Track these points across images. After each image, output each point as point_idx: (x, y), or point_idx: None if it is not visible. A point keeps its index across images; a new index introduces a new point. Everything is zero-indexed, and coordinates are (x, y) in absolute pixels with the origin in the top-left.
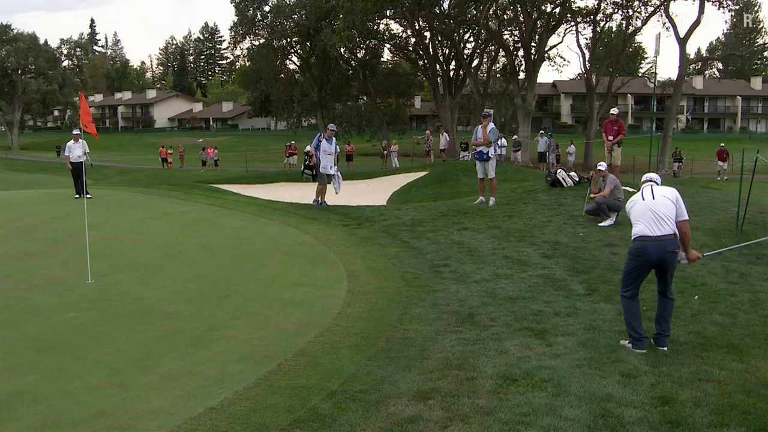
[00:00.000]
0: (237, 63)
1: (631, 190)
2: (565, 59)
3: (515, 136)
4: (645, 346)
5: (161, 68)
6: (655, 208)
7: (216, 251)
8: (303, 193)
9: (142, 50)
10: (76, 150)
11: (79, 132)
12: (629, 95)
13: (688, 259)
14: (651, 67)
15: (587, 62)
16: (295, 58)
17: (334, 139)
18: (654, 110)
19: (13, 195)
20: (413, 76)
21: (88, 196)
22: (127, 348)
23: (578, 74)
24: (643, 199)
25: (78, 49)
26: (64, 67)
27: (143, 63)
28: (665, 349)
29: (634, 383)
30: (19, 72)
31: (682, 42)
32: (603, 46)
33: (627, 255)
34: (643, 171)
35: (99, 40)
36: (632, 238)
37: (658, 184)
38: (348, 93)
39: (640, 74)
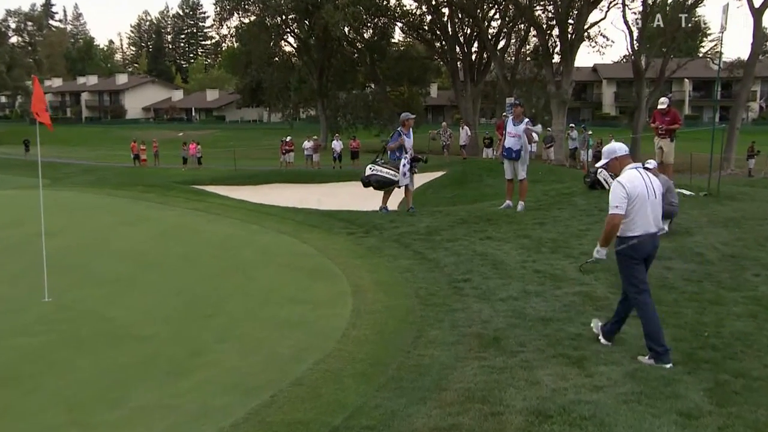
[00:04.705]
0: (223, 44)
1: (687, 193)
2: (608, 39)
3: (548, 129)
4: (670, 359)
5: (133, 49)
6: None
7: (199, 263)
8: (301, 196)
9: (110, 27)
10: None
11: None
12: (686, 80)
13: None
14: (715, 45)
15: (635, 42)
16: (291, 39)
17: (411, 130)
18: (717, 97)
19: None
20: (429, 60)
21: None
22: (91, 378)
23: (624, 56)
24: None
25: (29, 23)
26: (13, 44)
27: (111, 42)
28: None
29: (696, 425)
30: None
31: (757, 13)
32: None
33: (624, 256)
34: (702, 171)
35: (56, 13)
36: (633, 235)
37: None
38: (353, 80)
39: (700, 55)
